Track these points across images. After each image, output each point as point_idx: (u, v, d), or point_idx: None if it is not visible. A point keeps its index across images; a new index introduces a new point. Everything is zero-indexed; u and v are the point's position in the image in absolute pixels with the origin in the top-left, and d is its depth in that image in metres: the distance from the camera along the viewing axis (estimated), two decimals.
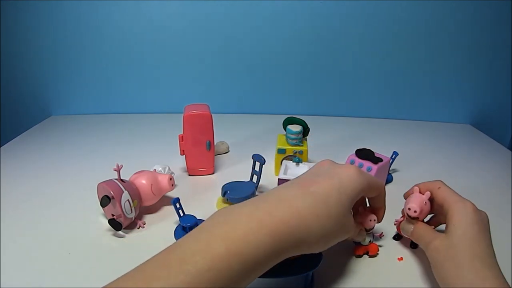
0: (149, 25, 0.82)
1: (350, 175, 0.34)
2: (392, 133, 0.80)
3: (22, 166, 0.63)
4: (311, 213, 0.30)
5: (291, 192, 0.31)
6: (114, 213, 0.44)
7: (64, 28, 0.81)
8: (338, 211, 0.32)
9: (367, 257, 0.41)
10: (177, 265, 0.24)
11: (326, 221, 0.31)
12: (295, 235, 0.28)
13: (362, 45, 0.83)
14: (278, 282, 0.37)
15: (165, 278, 0.23)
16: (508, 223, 0.48)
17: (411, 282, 0.38)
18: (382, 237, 0.45)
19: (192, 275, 0.23)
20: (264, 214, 0.28)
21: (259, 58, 0.85)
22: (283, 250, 0.28)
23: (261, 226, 0.27)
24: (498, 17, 0.77)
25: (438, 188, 0.40)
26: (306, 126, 0.58)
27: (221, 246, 0.25)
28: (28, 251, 0.42)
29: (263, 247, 0.26)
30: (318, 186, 0.32)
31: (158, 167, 0.56)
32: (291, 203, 0.30)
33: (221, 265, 0.24)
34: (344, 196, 0.32)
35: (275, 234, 0.27)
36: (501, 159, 0.69)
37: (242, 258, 0.25)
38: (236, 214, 0.28)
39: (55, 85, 0.88)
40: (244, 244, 0.26)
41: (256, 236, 0.26)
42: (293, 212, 0.29)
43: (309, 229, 0.29)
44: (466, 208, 0.36)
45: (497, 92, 0.85)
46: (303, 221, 0.29)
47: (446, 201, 0.38)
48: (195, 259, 0.24)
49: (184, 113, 0.55)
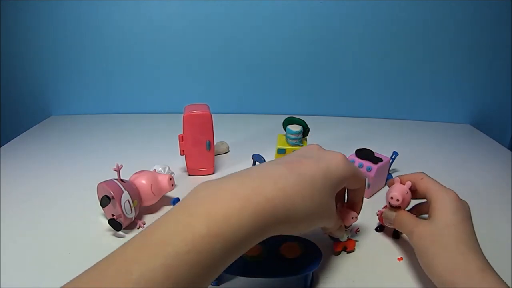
0: (149, 25, 0.82)
1: (338, 161, 0.34)
2: (392, 133, 0.80)
3: (22, 166, 0.63)
4: (297, 193, 0.29)
5: (277, 170, 0.30)
6: (114, 213, 0.44)
7: (64, 28, 0.81)
8: (323, 194, 0.32)
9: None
10: (157, 247, 0.23)
11: (311, 202, 0.30)
12: (279, 214, 0.28)
13: (362, 45, 0.83)
14: (278, 282, 0.37)
15: (145, 261, 0.22)
16: (508, 223, 0.48)
17: (411, 282, 0.38)
18: (358, 232, 0.45)
19: (172, 258, 0.23)
20: (249, 191, 0.27)
21: (259, 58, 0.85)
22: (266, 229, 0.27)
23: (245, 205, 0.26)
24: (498, 17, 0.77)
25: (421, 179, 0.41)
26: (306, 126, 0.58)
27: (203, 227, 0.24)
28: (28, 251, 0.42)
29: (246, 227, 0.25)
30: (305, 167, 0.32)
31: (158, 167, 0.56)
32: (277, 181, 0.29)
33: (202, 246, 0.23)
34: (329, 181, 0.32)
35: (259, 213, 0.26)
36: (501, 159, 0.69)
37: (224, 238, 0.24)
38: (220, 190, 0.27)
39: (55, 85, 0.88)
40: (226, 225, 0.25)
41: (239, 216, 0.25)
42: (278, 190, 0.28)
43: (293, 209, 0.29)
44: (449, 196, 0.37)
45: (497, 92, 0.85)
46: (289, 200, 0.28)
47: (429, 190, 0.39)
48: (176, 241, 0.23)
49: (184, 113, 0.55)
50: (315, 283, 0.37)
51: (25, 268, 0.39)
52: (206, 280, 0.24)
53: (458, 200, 0.37)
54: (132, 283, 0.21)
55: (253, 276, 0.33)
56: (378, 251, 0.42)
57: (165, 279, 0.22)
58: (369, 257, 0.41)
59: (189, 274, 0.23)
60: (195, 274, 0.23)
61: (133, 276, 0.21)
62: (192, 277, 0.23)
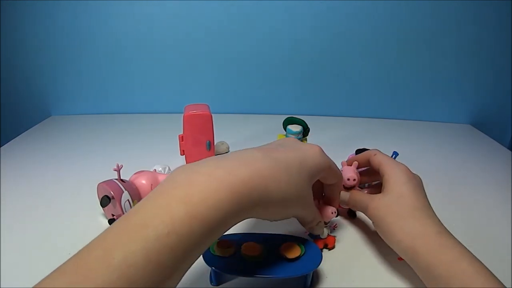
0: (149, 25, 0.82)
1: (314, 152, 0.35)
2: (392, 133, 0.80)
3: (22, 166, 0.63)
4: (271, 176, 0.30)
5: (253, 154, 0.31)
6: (114, 213, 0.44)
7: (64, 28, 0.81)
8: (298, 181, 0.32)
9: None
10: (138, 231, 0.23)
11: (286, 187, 0.31)
12: (254, 196, 0.28)
13: (362, 45, 0.83)
14: (278, 282, 0.37)
15: (125, 245, 0.22)
16: (508, 223, 0.48)
17: (411, 282, 0.38)
18: (336, 228, 0.46)
19: (152, 240, 0.23)
20: (224, 174, 0.28)
21: (259, 58, 0.85)
22: (242, 210, 0.28)
23: (220, 186, 0.27)
24: (498, 17, 0.77)
25: (374, 155, 0.43)
26: (306, 126, 0.58)
27: (181, 209, 0.24)
28: (28, 251, 0.42)
29: (222, 207, 0.26)
30: (281, 153, 0.33)
31: (158, 167, 0.56)
32: (252, 163, 0.30)
33: (181, 228, 0.24)
34: (305, 169, 0.33)
35: (234, 194, 0.27)
36: (501, 159, 0.69)
37: (203, 220, 0.25)
38: (196, 174, 0.28)
39: (54, 85, 0.88)
40: (204, 206, 0.25)
41: (216, 197, 0.26)
42: (253, 172, 0.29)
43: (268, 191, 0.29)
44: (400, 169, 0.40)
45: (497, 92, 0.85)
46: (263, 181, 0.29)
47: (381, 164, 0.41)
48: (155, 224, 0.23)
49: (184, 113, 0.55)
50: (315, 283, 0.37)
51: (25, 268, 0.39)
52: (186, 263, 0.25)
53: (409, 172, 0.40)
54: (113, 267, 0.21)
55: (253, 276, 0.33)
56: (378, 251, 0.42)
57: (146, 262, 0.22)
58: (369, 257, 0.41)
59: (169, 256, 0.23)
60: (176, 256, 0.23)
61: (114, 261, 0.21)
62: (173, 259, 0.23)
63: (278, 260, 0.35)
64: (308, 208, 0.36)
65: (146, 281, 0.22)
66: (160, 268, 0.22)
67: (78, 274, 0.21)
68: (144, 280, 0.22)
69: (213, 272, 0.36)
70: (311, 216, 0.37)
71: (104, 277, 0.21)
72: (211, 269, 0.36)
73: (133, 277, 0.21)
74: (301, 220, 0.38)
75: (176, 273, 0.24)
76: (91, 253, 0.23)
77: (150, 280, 0.22)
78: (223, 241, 0.36)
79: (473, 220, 0.36)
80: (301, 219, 0.38)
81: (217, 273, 0.36)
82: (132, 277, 0.21)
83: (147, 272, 0.22)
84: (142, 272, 0.22)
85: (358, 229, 0.46)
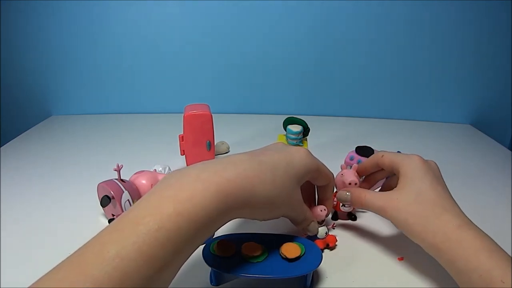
0: (149, 25, 0.82)
1: (301, 154, 0.36)
2: (392, 133, 0.80)
3: (22, 166, 0.63)
4: (257, 176, 0.31)
5: (240, 157, 0.33)
6: (114, 213, 0.44)
7: (64, 28, 0.81)
8: (284, 181, 0.33)
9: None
10: (130, 227, 0.25)
11: (272, 187, 0.32)
12: (240, 195, 0.30)
13: (362, 45, 0.83)
14: (278, 282, 0.37)
15: (118, 241, 0.24)
16: (508, 223, 0.48)
17: (411, 282, 0.38)
18: (335, 228, 0.46)
19: (144, 235, 0.24)
20: (211, 174, 0.29)
21: (260, 58, 0.85)
22: (228, 210, 0.29)
23: (207, 186, 0.28)
24: (498, 17, 0.77)
25: (382, 157, 0.42)
26: (306, 126, 0.58)
27: (170, 207, 0.26)
28: (28, 251, 0.42)
29: (209, 206, 0.27)
30: (268, 157, 0.34)
31: (158, 167, 0.56)
32: (238, 165, 0.31)
33: (169, 224, 0.25)
34: (292, 170, 0.34)
35: (220, 193, 0.28)
36: (501, 159, 0.69)
37: (189, 217, 0.26)
38: (185, 176, 0.30)
39: (55, 85, 0.88)
40: (191, 204, 0.27)
41: (202, 196, 0.28)
42: (239, 172, 0.30)
43: (254, 191, 0.31)
44: (415, 161, 0.39)
45: (497, 92, 0.85)
46: (249, 181, 0.31)
47: (393, 162, 0.40)
48: (146, 220, 0.25)
49: (184, 113, 0.55)
50: (315, 283, 0.37)
51: (25, 268, 0.39)
52: (178, 257, 0.26)
53: (424, 163, 0.39)
54: (108, 260, 0.23)
55: (253, 276, 0.33)
56: (378, 251, 0.42)
57: (138, 256, 0.24)
58: (369, 257, 0.41)
59: (160, 250, 0.25)
60: (166, 251, 0.25)
61: (108, 254, 0.23)
62: (163, 253, 0.25)
63: (278, 260, 0.35)
64: (297, 208, 0.37)
65: (139, 272, 0.23)
66: (151, 261, 0.24)
67: (74, 268, 0.23)
68: (137, 271, 0.23)
69: (213, 272, 0.36)
70: (301, 216, 0.38)
71: (99, 269, 0.22)
72: (211, 269, 0.36)
73: (126, 268, 0.23)
74: (292, 220, 0.39)
75: (168, 266, 0.25)
76: (87, 249, 0.25)
77: (143, 271, 0.24)
78: (223, 241, 0.36)
79: (473, 220, 0.36)
80: (292, 219, 0.38)
81: (217, 273, 0.36)
82: (126, 269, 0.23)
83: (139, 264, 0.23)
84: (134, 264, 0.23)
85: (358, 229, 0.46)
